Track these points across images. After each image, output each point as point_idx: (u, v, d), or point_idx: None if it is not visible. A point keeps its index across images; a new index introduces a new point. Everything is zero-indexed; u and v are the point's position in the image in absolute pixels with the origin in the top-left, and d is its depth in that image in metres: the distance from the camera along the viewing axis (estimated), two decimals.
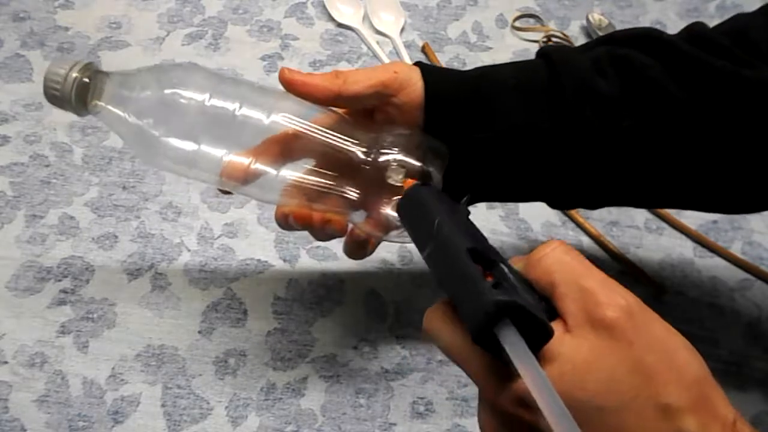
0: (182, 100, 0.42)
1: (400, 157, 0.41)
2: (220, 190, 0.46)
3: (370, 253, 0.46)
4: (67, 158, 0.64)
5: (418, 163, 0.41)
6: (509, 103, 0.43)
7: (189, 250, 0.59)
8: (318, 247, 0.59)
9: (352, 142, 0.42)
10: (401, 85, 0.42)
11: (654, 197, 0.47)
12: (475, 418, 0.34)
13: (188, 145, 0.42)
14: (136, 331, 0.54)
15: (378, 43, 0.73)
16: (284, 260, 0.59)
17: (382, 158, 0.41)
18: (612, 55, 0.43)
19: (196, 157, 0.42)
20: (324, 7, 0.76)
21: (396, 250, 0.59)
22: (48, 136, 0.65)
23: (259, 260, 0.58)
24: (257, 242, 0.59)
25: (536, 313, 0.29)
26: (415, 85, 0.43)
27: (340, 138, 0.42)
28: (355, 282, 0.57)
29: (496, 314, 0.28)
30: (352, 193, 0.42)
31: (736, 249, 0.61)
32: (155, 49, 0.72)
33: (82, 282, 0.56)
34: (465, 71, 0.45)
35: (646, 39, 0.43)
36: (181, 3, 0.76)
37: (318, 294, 0.57)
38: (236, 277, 0.57)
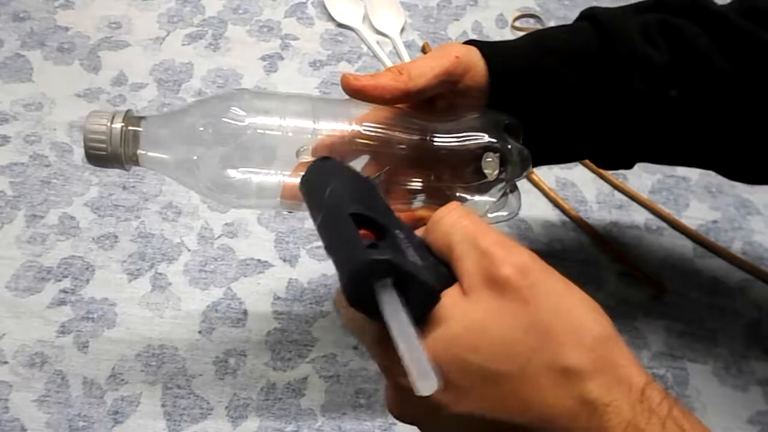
0: (242, 126, 0.39)
1: (487, 139, 0.40)
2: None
3: None
4: (67, 158, 0.64)
5: (510, 146, 0.40)
6: (565, 72, 0.43)
7: (189, 250, 0.59)
8: (318, 247, 0.59)
9: (431, 134, 0.41)
10: (465, 69, 0.41)
11: (693, 158, 0.48)
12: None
13: (242, 174, 0.39)
14: (136, 331, 0.54)
15: (378, 43, 0.73)
16: (284, 260, 0.59)
17: (469, 143, 0.40)
18: (662, 24, 0.43)
19: (258, 183, 0.40)
20: (324, 7, 0.76)
21: None
22: (48, 136, 0.65)
23: (259, 260, 0.58)
24: (257, 242, 0.59)
25: (416, 273, 0.28)
26: (476, 66, 0.42)
27: (418, 132, 0.41)
28: None
29: (369, 272, 0.27)
30: (424, 185, 0.41)
31: (736, 249, 0.61)
32: (155, 49, 0.72)
33: (82, 282, 0.56)
34: (518, 42, 0.45)
35: (696, 9, 0.44)
36: (181, 3, 0.76)
37: (318, 294, 0.57)
38: (236, 277, 0.57)
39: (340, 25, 0.75)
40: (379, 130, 0.41)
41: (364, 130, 0.41)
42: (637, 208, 0.63)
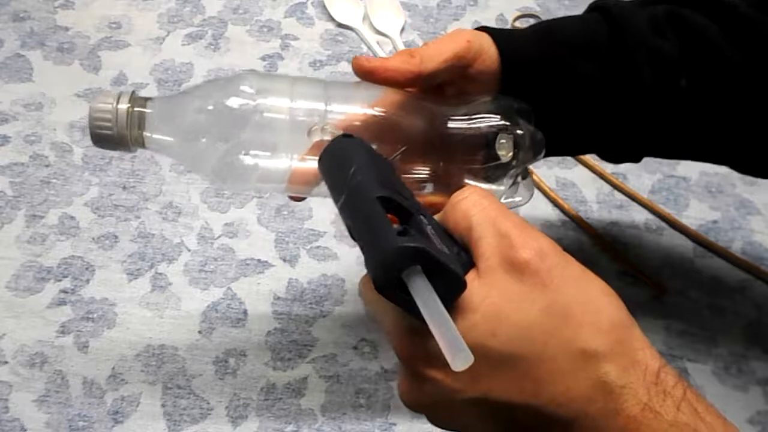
0: (249, 108, 0.38)
1: (501, 121, 0.40)
2: (291, 197, 0.45)
3: None
4: (67, 158, 0.64)
5: (522, 130, 0.40)
6: (576, 63, 0.43)
7: (189, 250, 0.59)
8: (318, 247, 0.59)
9: (443, 118, 0.40)
10: (476, 54, 0.41)
11: (704, 152, 0.47)
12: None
13: (250, 157, 0.39)
14: (136, 331, 0.54)
15: (378, 43, 0.73)
16: (284, 260, 0.59)
17: (482, 125, 0.40)
18: (671, 15, 0.43)
19: (266, 167, 0.39)
20: (324, 7, 0.76)
21: None
22: (48, 136, 0.65)
23: (259, 260, 0.58)
24: (257, 242, 0.59)
25: (446, 262, 0.27)
26: (488, 51, 0.42)
27: (428, 116, 0.40)
28: (355, 282, 0.57)
29: (400, 259, 0.27)
30: (432, 172, 0.41)
31: (736, 249, 0.61)
32: (155, 49, 0.72)
33: (82, 282, 0.56)
34: (528, 30, 0.45)
35: (705, 0, 0.44)
36: (181, 3, 0.76)
37: (318, 294, 0.57)
38: (236, 277, 0.57)
39: (340, 25, 0.75)
40: (391, 114, 0.40)
41: (376, 113, 0.40)
42: (637, 208, 0.63)
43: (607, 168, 0.65)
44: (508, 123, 0.40)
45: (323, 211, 0.61)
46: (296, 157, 0.39)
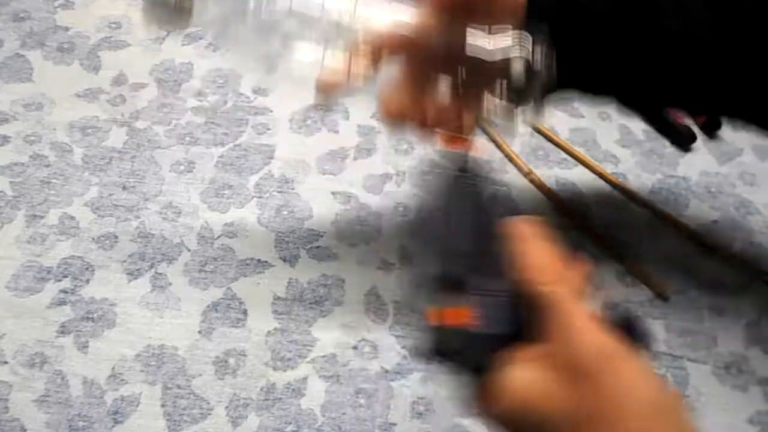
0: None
1: (516, 47, 0.41)
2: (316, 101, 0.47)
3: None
4: (67, 158, 0.64)
5: (537, 56, 0.41)
6: (599, 6, 0.44)
7: (189, 250, 0.59)
8: (318, 247, 0.59)
9: (464, 36, 0.42)
10: None
11: (728, 105, 0.48)
12: (475, 418, 0.34)
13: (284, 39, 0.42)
14: (136, 331, 0.54)
15: None
16: (284, 260, 0.59)
17: (498, 47, 0.41)
18: None
19: (300, 49, 0.42)
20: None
21: (396, 250, 0.59)
22: (48, 136, 0.65)
23: (259, 260, 0.58)
24: (257, 242, 0.59)
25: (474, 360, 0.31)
26: None
27: (451, 31, 0.42)
28: (355, 282, 0.57)
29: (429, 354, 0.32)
30: (453, 83, 0.42)
31: (736, 249, 0.61)
32: (155, 49, 0.72)
33: (82, 282, 0.56)
34: None
35: None
36: None
37: (318, 294, 0.57)
38: (236, 277, 0.57)
39: None
40: (419, 25, 0.42)
41: (405, 21, 0.42)
42: (637, 208, 0.63)
43: (608, 168, 0.65)
44: (522, 48, 0.42)
45: (323, 211, 0.61)
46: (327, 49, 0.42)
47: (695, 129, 0.68)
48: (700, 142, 0.68)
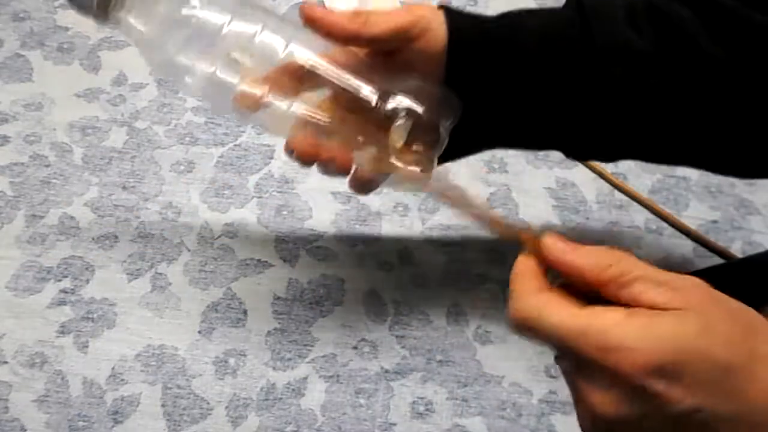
0: (200, 20, 0.40)
1: (408, 105, 0.40)
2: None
3: (374, 189, 0.44)
4: (67, 158, 0.64)
5: (421, 111, 0.40)
6: (540, 52, 0.42)
7: (189, 250, 0.59)
8: (318, 247, 0.59)
9: (364, 84, 0.41)
10: (422, 31, 0.41)
11: (675, 154, 0.46)
12: (475, 418, 0.34)
13: (205, 66, 0.41)
14: (136, 331, 0.54)
15: None
16: (284, 260, 0.59)
17: (390, 105, 0.40)
18: (650, 7, 0.42)
19: (212, 78, 0.41)
20: (324, 7, 0.76)
21: (396, 250, 0.59)
22: (48, 136, 0.65)
23: (259, 260, 0.58)
24: (257, 242, 0.59)
25: None
26: (436, 31, 0.41)
27: (351, 78, 0.41)
28: (355, 282, 0.57)
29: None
30: (358, 135, 0.41)
31: (736, 249, 0.61)
32: None
33: (82, 282, 0.56)
34: (492, 18, 0.43)
35: None
36: None
37: (318, 294, 0.57)
38: (236, 277, 0.57)
39: None
40: (329, 69, 0.41)
41: (318, 64, 0.41)
42: (637, 208, 0.63)
43: (608, 168, 0.65)
44: (412, 106, 0.40)
45: (323, 211, 0.61)
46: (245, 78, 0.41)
47: None
48: None
